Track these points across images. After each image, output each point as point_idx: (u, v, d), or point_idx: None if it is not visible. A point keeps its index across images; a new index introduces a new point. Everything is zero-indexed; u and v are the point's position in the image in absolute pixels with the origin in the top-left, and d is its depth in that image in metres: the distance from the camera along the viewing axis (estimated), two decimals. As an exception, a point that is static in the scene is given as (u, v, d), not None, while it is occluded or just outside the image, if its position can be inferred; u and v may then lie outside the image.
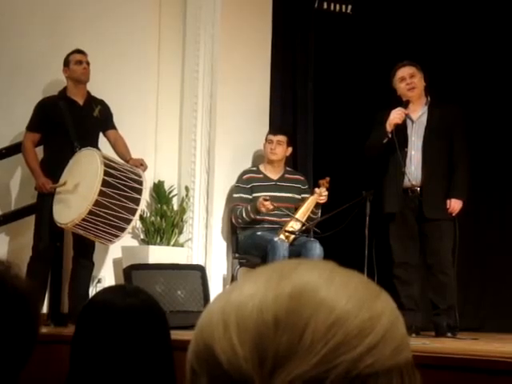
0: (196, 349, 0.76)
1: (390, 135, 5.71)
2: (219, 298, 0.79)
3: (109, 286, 2.10)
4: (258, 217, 6.31)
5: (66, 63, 5.98)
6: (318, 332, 0.72)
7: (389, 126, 5.71)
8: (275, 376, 0.71)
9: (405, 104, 5.79)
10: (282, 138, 6.51)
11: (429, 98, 5.90)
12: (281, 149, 6.50)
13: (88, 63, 5.99)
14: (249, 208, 6.31)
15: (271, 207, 6.21)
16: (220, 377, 0.73)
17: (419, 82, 5.85)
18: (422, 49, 6.90)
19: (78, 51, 6.01)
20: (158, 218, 6.57)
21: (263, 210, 6.22)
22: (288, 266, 0.78)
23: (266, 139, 6.53)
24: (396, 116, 5.71)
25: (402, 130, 5.76)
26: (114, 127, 6.08)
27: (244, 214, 6.33)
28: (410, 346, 0.77)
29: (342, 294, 0.74)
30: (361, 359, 0.72)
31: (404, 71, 5.85)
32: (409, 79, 5.82)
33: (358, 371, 0.72)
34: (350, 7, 7.18)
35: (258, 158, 6.77)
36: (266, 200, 6.20)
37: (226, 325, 0.74)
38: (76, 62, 5.96)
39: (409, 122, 5.83)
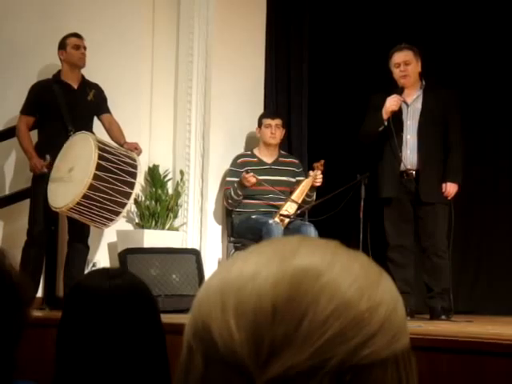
0: (193, 325, 0.75)
1: (385, 123, 5.70)
2: (218, 272, 0.77)
3: (93, 269, 2.10)
4: (245, 193, 6.31)
5: (63, 46, 5.92)
6: (316, 322, 0.70)
7: (385, 114, 5.68)
8: (270, 365, 0.70)
9: (400, 90, 5.77)
10: (279, 121, 6.52)
11: (423, 82, 5.87)
12: (280, 132, 6.52)
13: (85, 48, 5.96)
14: (235, 185, 6.32)
15: (254, 180, 6.22)
16: (215, 358, 0.72)
17: (413, 69, 5.78)
18: (418, 31, 6.88)
19: (76, 35, 5.94)
20: (153, 202, 6.57)
21: (246, 183, 6.23)
22: (290, 246, 0.76)
23: (263, 123, 6.51)
24: (392, 103, 5.68)
25: (397, 114, 5.74)
26: (108, 111, 6.06)
27: (233, 193, 6.34)
28: (409, 330, 0.77)
29: (342, 281, 0.73)
30: (356, 351, 0.71)
31: (399, 57, 5.77)
32: (403, 66, 5.75)
33: (353, 363, 0.70)
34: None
35: (253, 141, 6.75)
36: (247, 173, 6.22)
37: (224, 306, 0.73)
38: (73, 47, 5.91)
39: (404, 106, 5.81)
